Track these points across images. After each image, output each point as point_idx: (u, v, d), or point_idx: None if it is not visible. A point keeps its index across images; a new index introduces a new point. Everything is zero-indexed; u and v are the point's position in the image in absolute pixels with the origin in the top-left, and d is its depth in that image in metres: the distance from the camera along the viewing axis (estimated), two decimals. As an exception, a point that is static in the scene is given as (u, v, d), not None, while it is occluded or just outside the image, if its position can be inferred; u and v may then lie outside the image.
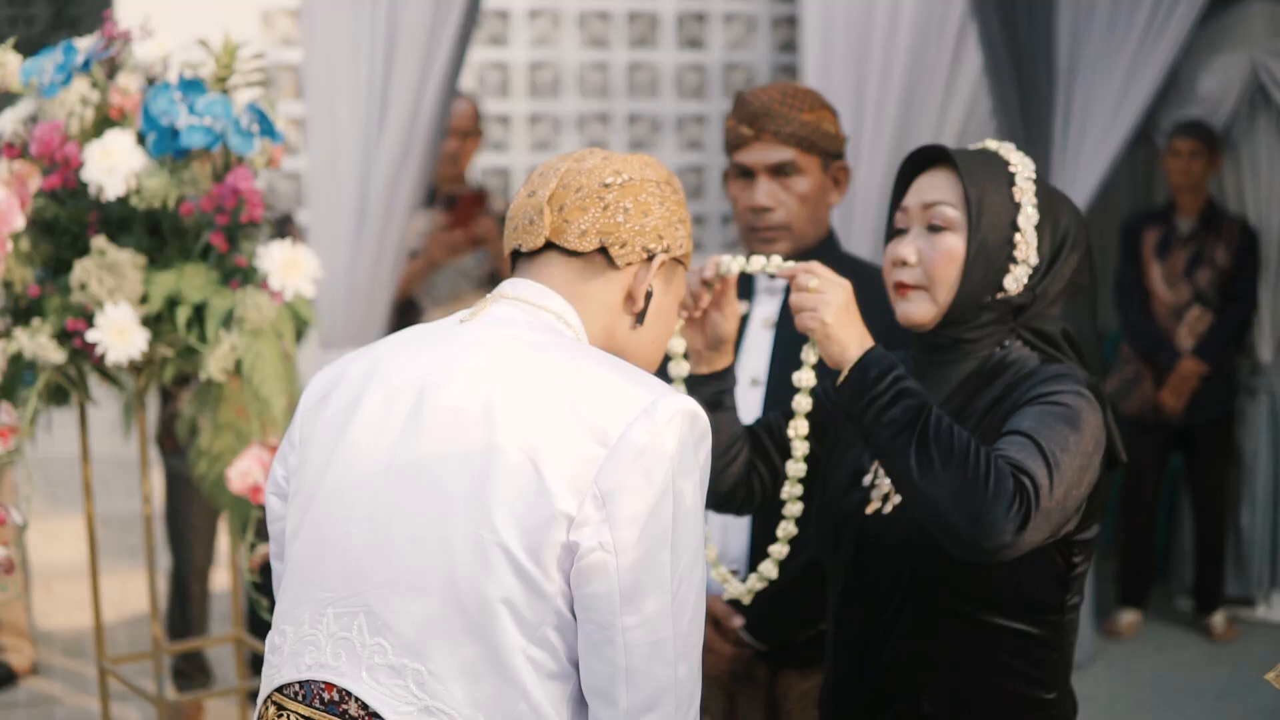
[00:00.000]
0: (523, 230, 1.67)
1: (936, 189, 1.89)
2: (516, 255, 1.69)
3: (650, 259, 1.67)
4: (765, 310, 2.55)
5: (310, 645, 1.54)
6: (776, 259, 1.89)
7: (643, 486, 1.46)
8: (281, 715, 1.55)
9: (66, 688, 4.69)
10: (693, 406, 1.52)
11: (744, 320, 2.57)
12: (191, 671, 4.27)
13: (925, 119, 4.73)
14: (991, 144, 1.92)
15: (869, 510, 1.90)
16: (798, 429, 1.95)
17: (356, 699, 1.49)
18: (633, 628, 1.46)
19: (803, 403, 1.93)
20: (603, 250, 1.64)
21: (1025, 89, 4.73)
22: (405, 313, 4.51)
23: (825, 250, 2.54)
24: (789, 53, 6.90)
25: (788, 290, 2.55)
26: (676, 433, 1.49)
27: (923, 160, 1.93)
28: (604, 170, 1.67)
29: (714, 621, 2.46)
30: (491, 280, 4.53)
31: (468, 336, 1.60)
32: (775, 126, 2.46)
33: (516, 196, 1.71)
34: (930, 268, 1.87)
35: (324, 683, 1.52)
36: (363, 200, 3.62)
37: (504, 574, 1.45)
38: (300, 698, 1.54)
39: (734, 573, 2.50)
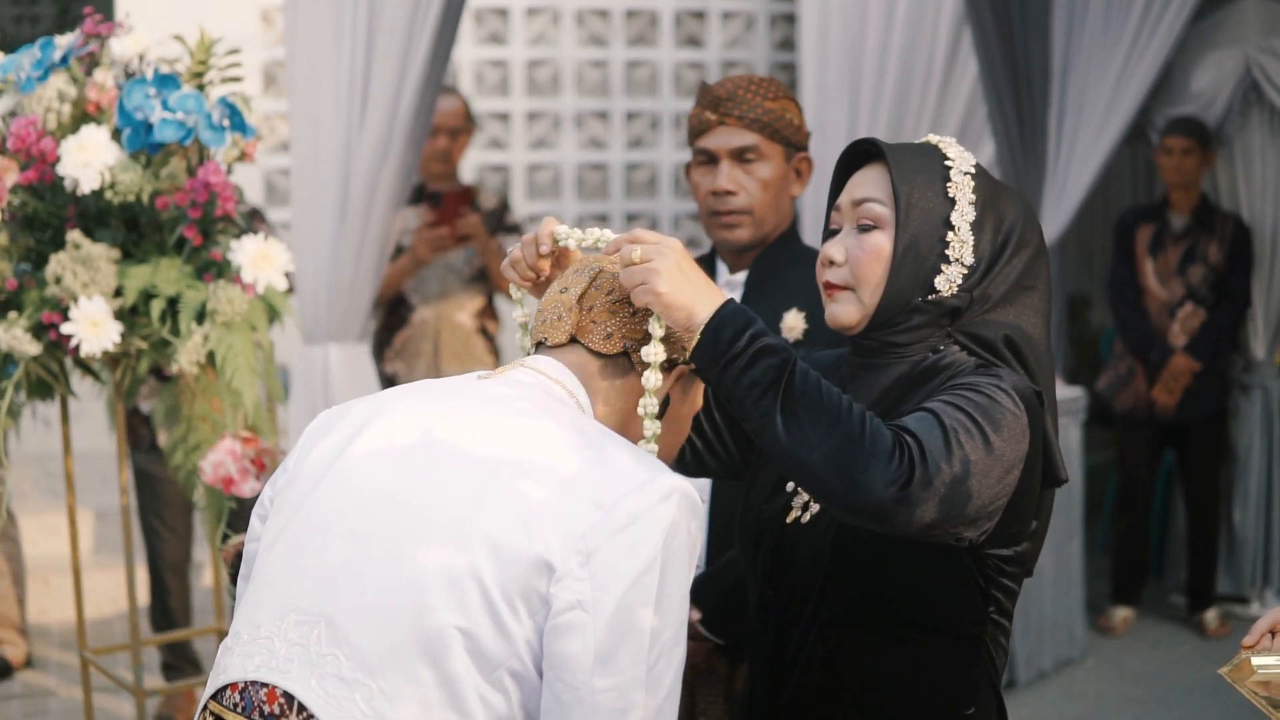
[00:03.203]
0: (550, 324, 1.67)
1: (866, 185, 1.78)
2: (540, 346, 1.69)
3: (671, 367, 1.67)
4: None
5: (264, 648, 1.51)
6: (608, 233, 1.72)
7: (631, 552, 1.45)
8: None
9: (61, 680, 4.73)
10: (690, 488, 1.51)
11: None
12: (179, 663, 4.30)
13: (922, 116, 4.74)
14: (933, 138, 1.81)
15: (789, 518, 1.83)
16: (647, 380, 1.66)
17: (298, 707, 1.46)
18: (603, 690, 1.44)
19: (651, 379, 1.64)
20: (625, 354, 1.65)
21: (1020, 86, 4.74)
22: (394, 309, 4.53)
23: (787, 240, 2.55)
24: (787, 50, 6.91)
25: (745, 287, 2.56)
26: (672, 508, 1.48)
27: (858, 156, 1.83)
28: None
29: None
30: (480, 277, 4.56)
31: (483, 391, 1.61)
32: (740, 111, 2.47)
33: (549, 291, 1.70)
34: (856, 267, 1.76)
35: (267, 689, 1.49)
36: (344, 196, 3.63)
37: (473, 607, 1.44)
38: (239, 709, 1.51)
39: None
